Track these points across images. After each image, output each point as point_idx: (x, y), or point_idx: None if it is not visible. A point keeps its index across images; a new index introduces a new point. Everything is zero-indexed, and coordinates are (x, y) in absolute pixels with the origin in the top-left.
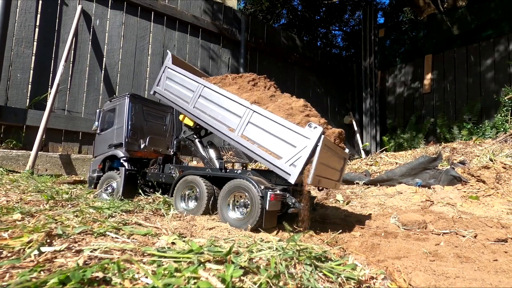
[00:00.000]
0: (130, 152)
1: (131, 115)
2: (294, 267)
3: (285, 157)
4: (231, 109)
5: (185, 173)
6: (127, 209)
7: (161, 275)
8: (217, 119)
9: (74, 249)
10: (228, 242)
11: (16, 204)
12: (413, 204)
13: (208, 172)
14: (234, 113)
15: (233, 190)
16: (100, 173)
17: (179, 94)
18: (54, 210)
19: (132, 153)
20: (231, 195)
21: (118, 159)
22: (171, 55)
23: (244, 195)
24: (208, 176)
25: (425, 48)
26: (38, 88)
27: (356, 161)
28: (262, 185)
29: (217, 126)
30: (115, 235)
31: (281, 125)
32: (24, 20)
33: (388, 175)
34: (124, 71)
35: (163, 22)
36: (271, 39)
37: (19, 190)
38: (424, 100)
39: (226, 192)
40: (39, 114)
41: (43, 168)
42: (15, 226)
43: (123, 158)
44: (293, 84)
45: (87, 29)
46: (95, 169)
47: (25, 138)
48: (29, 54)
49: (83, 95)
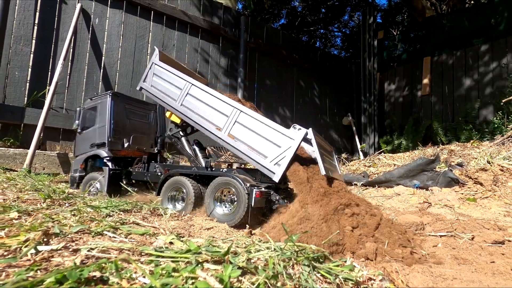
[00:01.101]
0: (114, 151)
1: (113, 114)
2: (292, 268)
3: (270, 156)
4: (218, 108)
5: (171, 172)
6: (125, 208)
7: (158, 275)
8: (205, 118)
9: (71, 248)
10: (226, 242)
11: (13, 203)
12: (411, 205)
13: (194, 171)
14: (222, 112)
15: (219, 187)
16: (82, 172)
17: (166, 91)
18: (51, 209)
19: (115, 152)
20: (218, 191)
21: (101, 159)
22: (158, 51)
23: (232, 192)
24: (194, 175)
25: (423, 51)
26: (36, 86)
27: (355, 162)
28: (248, 183)
29: (205, 125)
30: (112, 235)
31: (267, 125)
32: (23, 18)
33: (386, 176)
34: (123, 70)
35: (162, 22)
36: (271, 40)
37: (16, 188)
38: (422, 102)
39: (212, 189)
40: (37, 113)
41: (41, 167)
42: (12, 225)
43: (107, 158)
44: (292, 84)
45: (86, 27)
46: (76, 169)
47: (23, 136)
48: (27, 52)
49: (82, 93)
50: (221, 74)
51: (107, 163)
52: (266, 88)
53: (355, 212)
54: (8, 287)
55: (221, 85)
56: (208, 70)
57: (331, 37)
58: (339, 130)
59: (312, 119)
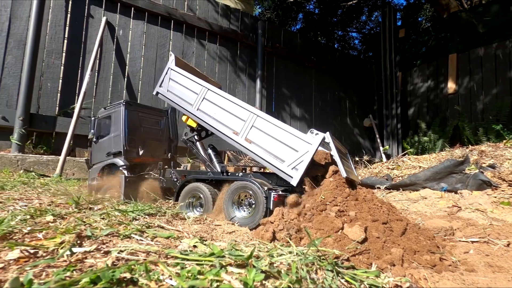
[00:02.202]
0: (129, 159)
1: (127, 122)
2: (315, 273)
3: (287, 161)
4: (235, 113)
5: (188, 178)
6: (150, 212)
7: (185, 277)
8: (222, 122)
9: (102, 250)
10: (249, 246)
11: (48, 207)
12: (439, 209)
13: (210, 176)
14: (239, 117)
15: (237, 191)
16: (99, 181)
17: (182, 95)
18: (82, 213)
19: (130, 160)
20: (236, 195)
21: (117, 167)
22: (175, 57)
23: (249, 195)
24: (210, 180)
25: (449, 48)
26: (66, 96)
27: (377, 165)
28: (265, 186)
29: (222, 129)
30: (139, 237)
31: (284, 130)
32: (54, 32)
33: (411, 179)
34: (145, 78)
35: (182, 30)
36: (288, 43)
37: (49, 193)
38: (448, 102)
39: (230, 193)
40: (67, 121)
41: (71, 172)
42: (48, 227)
43: (123, 166)
44: (310, 87)
45: (111, 39)
46: (94, 177)
47: (55, 144)
48: (58, 65)
49: (107, 102)
50: (239, 79)
51: (124, 172)
52: (285, 92)
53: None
54: (52, 286)
55: (239, 89)
56: (227, 76)
57: (349, 39)
58: (360, 132)
59: (331, 121)
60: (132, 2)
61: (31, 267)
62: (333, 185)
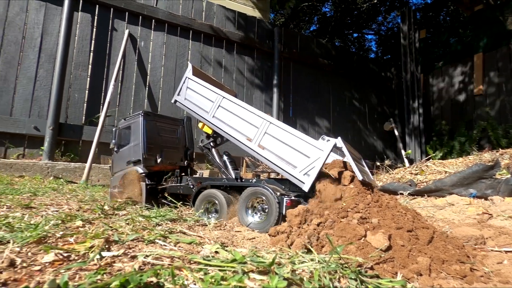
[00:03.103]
0: (148, 167)
1: (146, 132)
2: (338, 281)
3: (299, 167)
4: (249, 120)
5: (203, 185)
6: (171, 218)
7: (208, 283)
8: (236, 129)
9: (129, 255)
10: (270, 253)
11: (76, 212)
12: (468, 217)
13: (225, 182)
14: (252, 123)
15: (250, 197)
16: (120, 188)
17: (198, 103)
18: (108, 218)
19: (149, 168)
20: (249, 201)
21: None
22: (192, 66)
23: (262, 201)
24: (225, 186)
25: (473, 47)
26: (92, 106)
27: (399, 170)
28: (278, 192)
29: (236, 136)
30: (163, 243)
31: (296, 136)
32: (81, 46)
33: (436, 185)
34: (165, 87)
35: (200, 39)
36: (304, 48)
37: (77, 199)
38: (475, 103)
39: (244, 199)
40: (93, 130)
41: (96, 179)
42: (78, 232)
43: (142, 174)
44: (328, 92)
45: (133, 50)
46: (115, 185)
47: (81, 151)
48: (85, 76)
49: (130, 111)
50: (256, 85)
51: (144, 179)
52: (302, 97)
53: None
54: (87, 287)
55: (257, 96)
56: (244, 82)
57: (365, 41)
58: (380, 137)
59: (350, 126)
60: (152, 15)
61: (65, 269)
62: (354, 191)
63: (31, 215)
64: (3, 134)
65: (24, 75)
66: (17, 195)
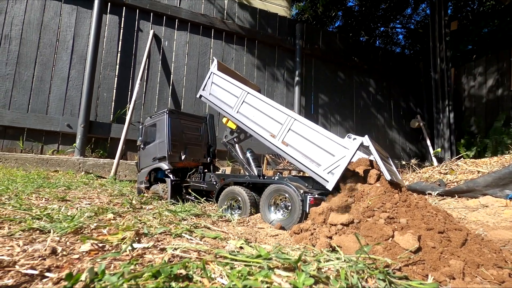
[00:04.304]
0: (173, 163)
1: (171, 129)
2: (365, 281)
3: (323, 165)
4: (273, 116)
5: (226, 181)
6: (196, 213)
7: (235, 277)
8: (260, 125)
9: (158, 247)
10: (295, 250)
11: (107, 205)
12: (504, 220)
13: (247, 179)
14: (276, 120)
15: (273, 194)
16: (147, 184)
17: (223, 98)
18: (136, 212)
19: (174, 164)
20: (272, 198)
21: (162, 171)
22: (217, 62)
23: (286, 198)
24: (248, 183)
25: (511, 38)
26: (119, 104)
27: (427, 169)
28: (301, 190)
29: (260, 131)
30: (189, 237)
31: (321, 134)
32: (109, 47)
33: (468, 185)
34: (188, 85)
35: (222, 38)
36: (327, 44)
37: (107, 193)
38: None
39: (267, 196)
40: (120, 127)
41: (123, 174)
42: (110, 224)
43: (168, 170)
44: (351, 88)
45: (157, 50)
46: (142, 181)
47: (109, 148)
48: (112, 76)
49: (154, 109)
50: (277, 82)
51: (169, 175)
52: (324, 94)
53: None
54: (126, 276)
55: (278, 93)
56: (265, 80)
57: (392, 35)
58: (406, 134)
59: (375, 123)
60: (176, 15)
61: (101, 259)
62: (381, 190)
63: (67, 207)
64: (40, 132)
65: (58, 76)
66: (53, 189)
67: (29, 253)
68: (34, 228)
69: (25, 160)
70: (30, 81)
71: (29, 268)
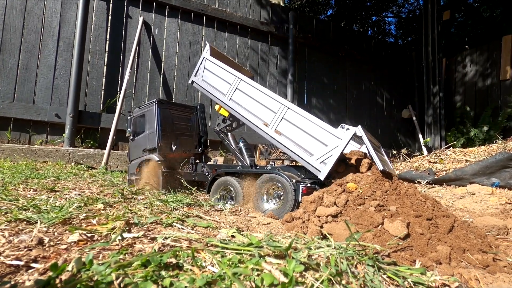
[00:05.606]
0: (163, 155)
1: (160, 120)
2: (355, 267)
3: (316, 155)
4: (266, 104)
5: (218, 172)
6: (188, 202)
7: (226, 265)
8: (253, 113)
9: (149, 237)
10: (286, 238)
11: (97, 196)
12: (489, 207)
13: (240, 169)
14: (269, 108)
15: (266, 183)
16: (138, 176)
17: (215, 85)
18: (128, 202)
19: (165, 155)
20: (264, 188)
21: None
22: (209, 46)
23: (277, 188)
24: (240, 173)
25: (503, 29)
26: (109, 94)
27: (417, 159)
28: (294, 179)
29: (253, 120)
30: (181, 226)
31: (314, 123)
32: (97, 34)
33: (456, 173)
34: (180, 74)
35: (213, 25)
36: (320, 33)
37: (98, 183)
38: (501, 89)
39: (259, 186)
40: (110, 117)
41: (114, 165)
42: (100, 214)
43: (158, 161)
44: (344, 78)
45: (147, 38)
46: (133, 172)
47: (100, 138)
48: (101, 64)
49: (145, 98)
50: (270, 71)
51: (160, 166)
52: (317, 83)
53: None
54: (112, 266)
55: (271, 82)
56: (258, 68)
57: (385, 24)
58: (397, 124)
59: (367, 113)
60: (166, 1)
61: (89, 249)
62: (372, 179)
63: (55, 198)
64: (27, 121)
65: (44, 64)
66: (42, 179)
67: (15, 244)
68: (20, 219)
69: (12, 151)
70: (15, 69)
71: (14, 259)
